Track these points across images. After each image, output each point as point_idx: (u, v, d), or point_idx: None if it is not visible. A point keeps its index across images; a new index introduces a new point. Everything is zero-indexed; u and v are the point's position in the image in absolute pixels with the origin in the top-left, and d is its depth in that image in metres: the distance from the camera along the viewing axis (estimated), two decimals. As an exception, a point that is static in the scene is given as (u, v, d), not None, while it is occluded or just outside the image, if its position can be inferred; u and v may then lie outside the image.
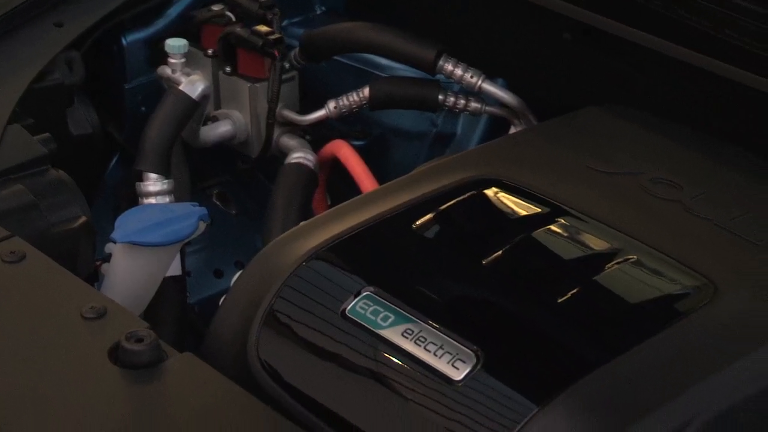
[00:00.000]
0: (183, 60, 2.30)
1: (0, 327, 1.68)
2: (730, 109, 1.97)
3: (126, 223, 1.91)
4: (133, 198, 2.21)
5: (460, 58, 2.24)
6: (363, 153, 2.28)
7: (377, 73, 2.37)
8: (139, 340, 1.60)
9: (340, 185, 2.31)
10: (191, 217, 1.92)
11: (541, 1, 2.08)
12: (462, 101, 2.25)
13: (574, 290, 1.68)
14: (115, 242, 1.91)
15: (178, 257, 2.12)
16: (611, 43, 2.02)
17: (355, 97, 2.29)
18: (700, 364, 1.58)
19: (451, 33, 2.28)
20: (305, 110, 2.35)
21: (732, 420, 1.54)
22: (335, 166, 2.30)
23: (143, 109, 2.33)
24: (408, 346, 1.61)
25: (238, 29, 2.30)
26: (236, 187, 2.43)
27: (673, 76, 1.99)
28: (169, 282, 2.07)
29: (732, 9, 1.89)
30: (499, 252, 1.74)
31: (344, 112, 2.31)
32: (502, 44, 2.26)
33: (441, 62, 2.24)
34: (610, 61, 2.08)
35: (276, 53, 2.26)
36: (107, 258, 1.94)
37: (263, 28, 2.28)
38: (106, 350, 1.60)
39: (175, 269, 2.12)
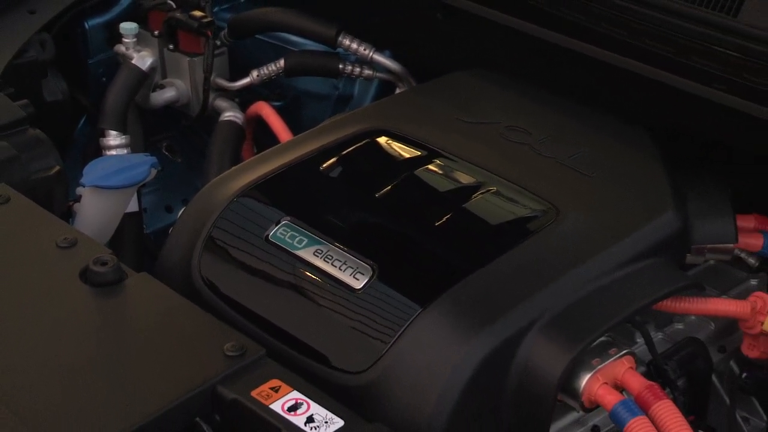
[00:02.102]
0: (134, 40, 2.26)
1: None
2: (564, 69, 1.94)
3: (92, 171, 1.89)
4: (97, 151, 2.18)
5: (356, 34, 2.22)
6: (280, 111, 2.24)
7: (290, 47, 2.34)
8: (104, 264, 1.57)
9: (263, 137, 2.25)
10: (144, 165, 1.90)
11: None
12: (357, 69, 2.23)
13: (448, 215, 1.66)
14: (83, 186, 1.88)
15: (135, 197, 2.10)
16: (473, 21, 1.99)
17: (273, 67, 2.27)
18: (547, 270, 1.56)
19: (348, 15, 2.24)
20: (234, 78, 2.32)
21: (572, 314, 1.52)
22: (259, 122, 2.27)
23: (104, 79, 2.29)
24: (318, 262, 1.59)
25: (178, 14, 2.26)
26: (181, 140, 2.41)
27: (521, 46, 1.96)
28: (128, 217, 2.05)
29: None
30: (389, 187, 1.71)
31: (265, 79, 2.28)
32: (388, 23, 2.24)
33: (340, 38, 2.22)
34: (473, 34, 2.04)
35: (209, 33, 2.24)
36: (78, 199, 1.91)
37: (198, 13, 2.25)
38: (77, 272, 1.57)
39: (132, 207, 2.10)
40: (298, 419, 1.36)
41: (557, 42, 1.87)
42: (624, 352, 1.52)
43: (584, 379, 1.49)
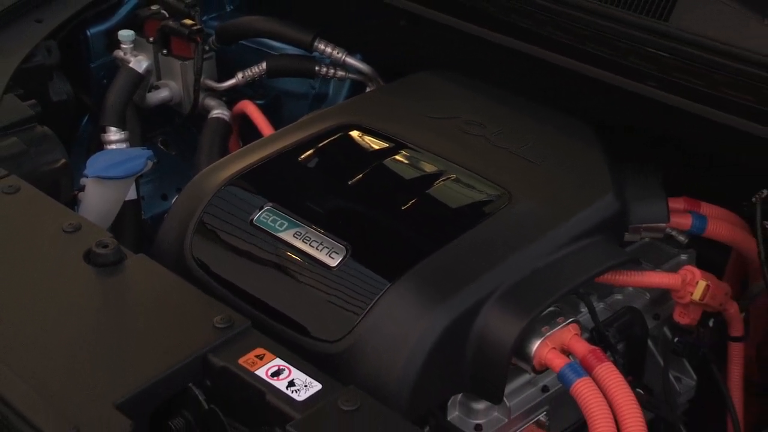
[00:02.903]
0: (131, 45, 2.24)
1: (2, 239, 1.63)
2: (516, 69, 1.94)
3: (94, 163, 1.88)
4: (99, 145, 2.15)
5: (330, 39, 2.20)
6: (263, 109, 2.23)
7: (271, 52, 2.32)
8: (105, 246, 1.56)
9: (248, 132, 2.24)
10: (141, 158, 1.89)
11: None
12: (332, 71, 2.22)
13: (413, 200, 1.66)
14: (87, 177, 1.87)
15: (133, 186, 2.08)
16: (433, 27, 1.98)
17: (257, 69, 2.25)
18: (502, 248, 1.56)
19: (323, 22, 2.23)
20: (221, 79, 2.30)
21: (524, 287, 1.52)
22: (244, 118, 2.24)
23: (104, 81, 2.26)
24: (298, 243, 1.59)
25: (171, 23, 2.24)
26: (174, 135, 2.40)
27: (478, 49, 1.95)
28: (127, 204, 2.03)
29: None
30: (360, 175, 1.71)
31: (249, 80, 2.26)
32: (359, 29, 2.22)
33: (316, 43, 2.20)
34: (433, 39, 2.04)
35: (198, 39, 2.22)
36: (82, 188, 1.90)
37: (189, 22, 2.23)
38: (81, 254, 1.56)
39: (131, 195, 2.08)
40: (280, 384, 1.36)
41: (509, 45, 1.87)
42: (570, 320, 1.53)
43: (535, 345, 1.50)
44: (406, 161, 1.75)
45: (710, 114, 1.65)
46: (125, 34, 2.22)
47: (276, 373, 1.37)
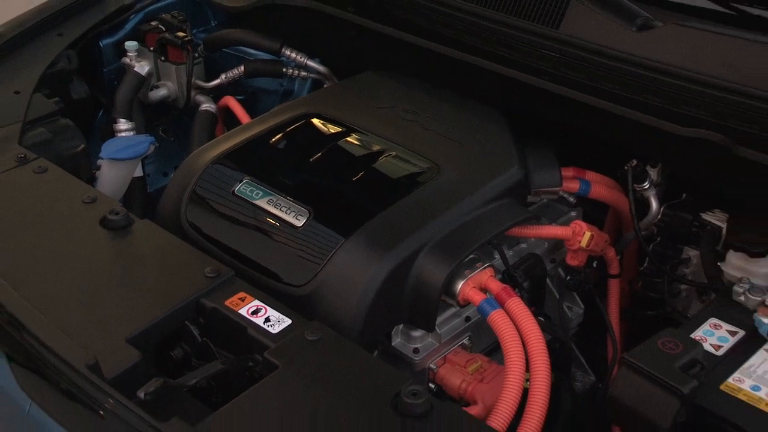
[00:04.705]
0: (136, 53, 2.18)
1: (33, 210, 1.59)
2: (441, 69, 1.90)
3: (108, 147, 1.85)
4: (111, 133, 2.09)
5: (294, 47, 2.15)
6: (242, 102, 2.19)
7: (247, 57, 2.26)
8: (117, 213, 1.54)
9: (230, 121, 2.20)
10: (145, 143, 1.87)
11: (339, 14, 2.00)
12: (296, 71, 2.17)
13: (362, 172, 1.63)
14: (102, 159, 1.84)
15: (140, 166, 2.04)
16: (377, 37, 1.95)
17: (236, 71, 2.19)
18: (432, 209, 1.55)
19: (289, 33, 2.17)
20: (208, 79, 2.23)
21: (450, 239, 1.51)
22: (227, 110, 2.20)
23: (115, 82, 2.20)
24: (270, 208, 1.56)
25: (167, 35, 2.17)
26: (172, 124, 2.34)
27: (411, 53, 1.92)
28: (135, 180, 1.99)
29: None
30: (319, 153, 1.68)
31: (230, 80, 2.20)
32: (318, 38, 2.17)
33: (283, 50, 2.15)
34: (377, 46, 1.99)
35: (189, 48, 2.16)
36: (98, 168, 1.87)
37: (181, 34, 2.17)
38: (97, 220, 1.54)
39: (138, 173, 2.04)
40: (258, 320, 1.35)
41: (436, 50, 1.85)
42: (486, 265, 1.53)
43: (459, 285, 1.49)
44: (355, 142, 1.72)
45: (592, 101, 1.65)
46: (131, 45, 2.17)
47: (255, 312, 1.36)
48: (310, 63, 2.15)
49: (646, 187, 1.72)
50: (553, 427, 1.53)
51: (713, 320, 1.42)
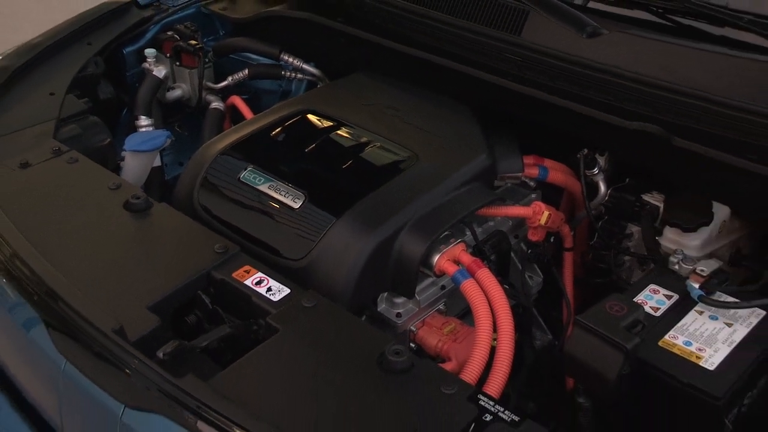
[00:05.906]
0: (154, 59, 2.13)
1: (67, 195, 1.56)
2: (420, 71, 1.86)
3: (130, 141, 1.83)
4: (133, 129, 2.05)
5: (292, 52, 2.11)
6: (246, 101, 2.14)
7: (251, 62, 2.22)
8: (138, 198, 1.51)
9: (236, 117, 2.16)
10: (163, 137, 1.85)
11: (330, 24, 1.97)
12: (293, 74, 2.13)
13: (351, 160, 1.60)
14: (125, 151, 1.81)
15: (158, 157, 2.02)
16: (363, 43, 1.91)
17: (241, 74, 2.15)
18: (412, 192, 1.52)
19: (288, 41, 2.13)
20: (217, 81, 2.19)
21: (428, 219, 1.49)
22: (233, 108, 2.15)
23: (136, 85, 2.15)
24: (271, 192, 1.53)
25: (181, 43, 2.13)
26: (186, 121, 2.29)
27: (394, 57, 1.88)
28: (154, 170, 1.96)
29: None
30: (314, 145, 1.65)
31: (236, 82, 2.16)
32: (312, 45, 2.12)
33: (282, 55, 2.11)
34: (363, 51, 1.95)
35: (200, 54, 2.12)
36: (122, 159, 1.84)
37: (193, 42, 2.13)
38: (121, 204, 1.51)
39: (157, 163, 2.00)
40: (261, 289, 1.32)
41: (415, 54, 1.81)
42: (459, 240, 1.50)
43: (436, 257, 1.47)
44: (345, 134, 1.69)
45: (551, 99, 1.62)
46: (150, 52, 2.13)
47: (258, 282, 1.33)
48: (306, 66, 2.11)
49: (596, 172, 1.70)
50: (516, 378, 1.51)
51: (652, 286, 1.42)
